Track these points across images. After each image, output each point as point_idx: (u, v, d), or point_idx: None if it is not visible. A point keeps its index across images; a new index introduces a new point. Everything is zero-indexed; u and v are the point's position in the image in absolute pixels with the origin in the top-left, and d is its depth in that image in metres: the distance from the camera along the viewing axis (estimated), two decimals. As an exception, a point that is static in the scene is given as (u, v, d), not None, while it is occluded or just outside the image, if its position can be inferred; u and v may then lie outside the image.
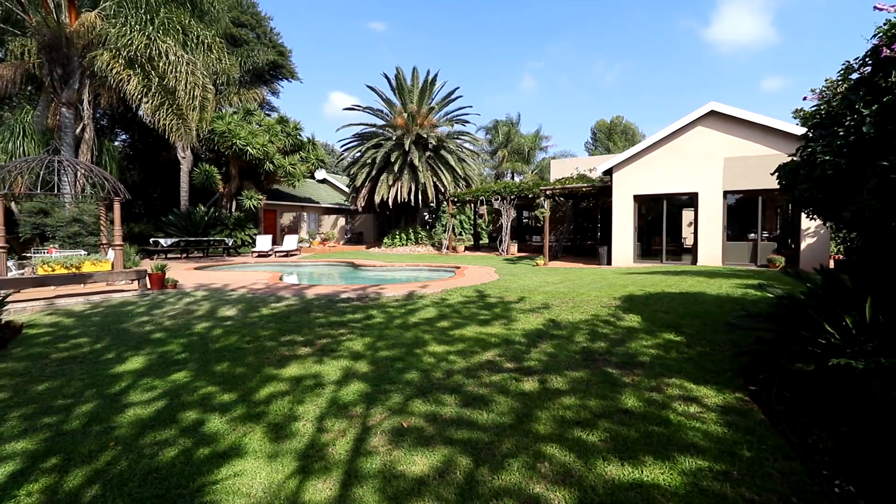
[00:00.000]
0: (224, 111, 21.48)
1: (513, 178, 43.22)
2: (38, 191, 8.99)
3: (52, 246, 10.05)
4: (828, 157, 3.70)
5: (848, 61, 3.94)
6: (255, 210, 23.07)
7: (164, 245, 17.97)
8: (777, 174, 5.15)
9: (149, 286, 8.38)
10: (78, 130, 14.81)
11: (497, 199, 20.94)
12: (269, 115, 24.92)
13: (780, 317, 4.14)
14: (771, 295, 4.72)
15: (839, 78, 4.21)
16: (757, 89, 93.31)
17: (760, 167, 12.97)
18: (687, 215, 21.34)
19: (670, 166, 14.15)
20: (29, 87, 17.29)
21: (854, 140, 3.48)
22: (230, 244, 20.30)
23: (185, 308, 7.13)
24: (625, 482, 2.44)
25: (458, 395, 3.61)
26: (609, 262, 14.78)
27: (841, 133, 3.58)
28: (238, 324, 6.10)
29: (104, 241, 10.05)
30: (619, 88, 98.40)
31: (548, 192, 15.64)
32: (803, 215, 12.57)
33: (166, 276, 8.64)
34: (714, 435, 2.94)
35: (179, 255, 18.90)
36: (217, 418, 3.29)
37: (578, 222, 23.01)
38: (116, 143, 29.54)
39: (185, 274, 11.95)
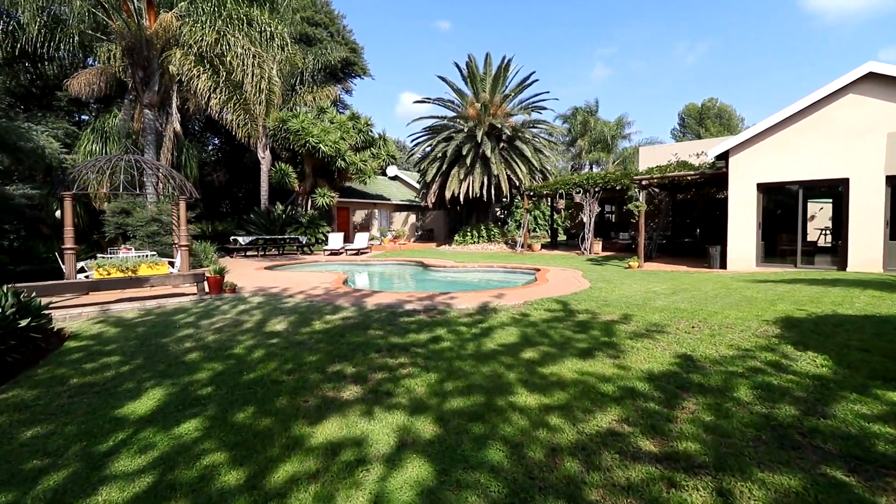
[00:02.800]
0: (298, 110, 21.61)
1: (591, 169, 40.09)
2: (115, 190, 8.99)
3: (125, 245, 10.12)
4: None
5: None
6: (327, 208, 23.11)
7: (243, 243, 18.31)
8: None
9: (207, 290, 7.86)
10: (168, 132, 15.26)
11: (578, 193, 18.87)
12: (341, 113, 24.85)
13: None
14: None
15: None
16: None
17: (946, 143, 9.86)
18: (812, 209, 17.71)
19: (809, 146, 11.32)
20: (130, 95, 18.42)
21: None
22: (304, 242, 20.33)
23: (234, 319, 6.38)
24: None
25: (577, 511, 2.18)
26: (723, 266, 12.29)
27: None
28: (284, 343, 5.14)
29: (175, 241, 9.85)
30: (704, 71, 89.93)
31: (643, 182, 13.41)
32: None
33: (224, 280, 8.09)
34: None
35: (256, 253, 19.21)
36: (205, 524, 2.16)
37: (674, 218, 20.15)
38: (209, 148, 31.53)
39: (253, 274, 11.63)
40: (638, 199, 13.45)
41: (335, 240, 20.44)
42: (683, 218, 20.48)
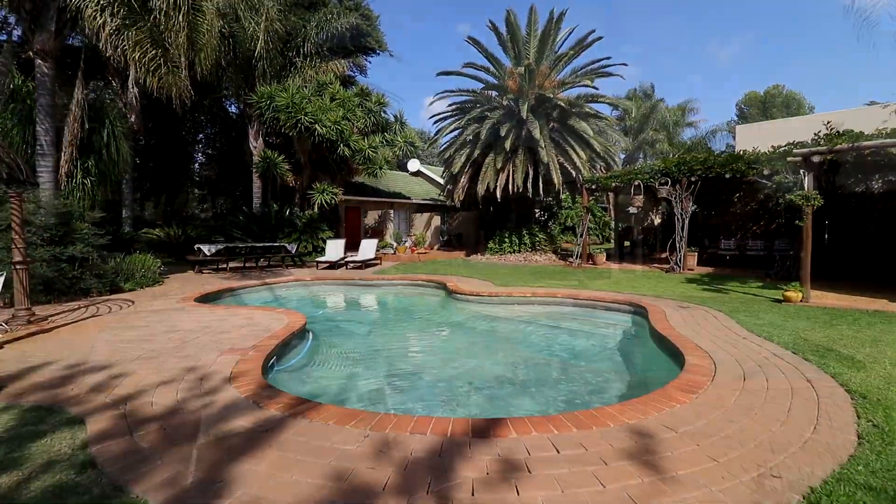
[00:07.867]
0: (288, 83, 17.16)
1: (646, 162, 34.23)
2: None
3: None
4: None
5: None
6: (329, 207, 18.43)
7: (208, 254, 13.91)
8: None
9: None
10: (77, 95, 10.84)
11: (665, 184, 13.51)
12: (349, 90, 20.28)
13: None
14: None
15: None
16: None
17: None
18: None
19: None
20: (20, 35, 14.37)
21: None
22: (292, 251, 15.78)
23: None
24: None
25: None
26: None
27: None
28: None
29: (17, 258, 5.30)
30: (738, 64, 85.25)
31: (813, 160, 7.94)
32: None
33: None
34: None
35: (227, 267, 14.69)
36: None
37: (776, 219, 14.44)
38: (200, 137, 27.64)
39: (157, 315, 6.98)
40: (800, 189, 8.05)
41: (334, 249, 15.79)
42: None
